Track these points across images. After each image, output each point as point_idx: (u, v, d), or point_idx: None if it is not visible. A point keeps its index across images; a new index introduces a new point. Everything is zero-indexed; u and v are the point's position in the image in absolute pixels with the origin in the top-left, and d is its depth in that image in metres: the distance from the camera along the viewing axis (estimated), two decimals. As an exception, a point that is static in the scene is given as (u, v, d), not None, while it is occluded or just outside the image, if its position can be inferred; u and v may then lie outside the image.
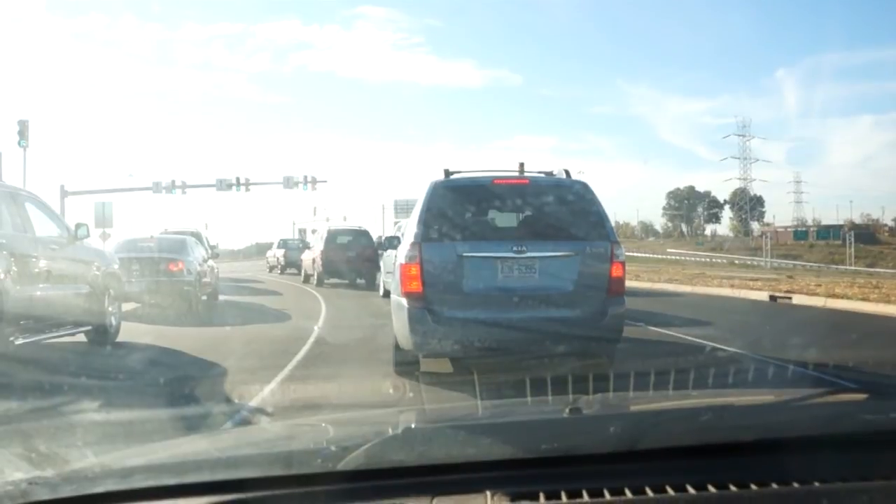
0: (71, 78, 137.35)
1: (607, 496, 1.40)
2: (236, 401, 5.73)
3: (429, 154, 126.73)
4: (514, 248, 6.50)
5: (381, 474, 1.47)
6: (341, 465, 1.45)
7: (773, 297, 17.84)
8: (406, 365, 6.71)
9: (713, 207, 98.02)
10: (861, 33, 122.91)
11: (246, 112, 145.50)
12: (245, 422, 4.84)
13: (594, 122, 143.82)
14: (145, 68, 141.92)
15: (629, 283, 23.20)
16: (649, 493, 1.40)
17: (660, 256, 67.94)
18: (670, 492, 1.41)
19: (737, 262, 62.78)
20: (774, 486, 1.44)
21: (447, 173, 7.12)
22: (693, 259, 65.53)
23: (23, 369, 6.93)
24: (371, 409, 4.23)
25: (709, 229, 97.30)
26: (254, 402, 5.60)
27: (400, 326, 6.63)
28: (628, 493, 1.40)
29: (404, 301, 6.46)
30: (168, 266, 13.60)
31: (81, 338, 8.74)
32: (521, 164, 7.53)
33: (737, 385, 5.46)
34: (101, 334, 8.81)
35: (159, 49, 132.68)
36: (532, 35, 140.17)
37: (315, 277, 21.54)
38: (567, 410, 1.87)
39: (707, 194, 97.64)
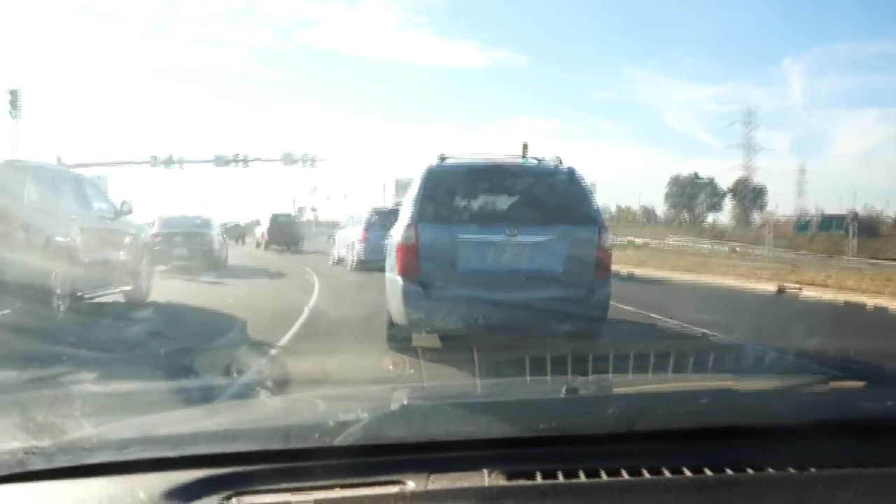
0: (70, 50, 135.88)
1: (604, 476, 1.40)
2: (231, 375, 5.70)
3: (430, 134, 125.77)
4: (506, 231, 6.78)
5: (379, 450, 1.48)
6: (339, 441, 1.45)
7: (780, 289, 17.27)
8: (399, 340, 7.00)
9: (715, 195, 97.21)
10: (871, 25, 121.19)
11: (247, 88, 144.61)
12: (243, 395, 4.87)
13: (598, 106, 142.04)
14: (146, 42, 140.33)
15: (634, 270, 22.97)
16: (646, 474, 1.41)
17: (660, 243, 67.50)
18: (667, 474, 1.41)
19: (738, 250, 62.25)
20: (771, 470, 1.44)
21: (442, 157, 7.41)
22: (694, 247, 65.07)
23: (19, 337, 7.22)
24: (370, 385, 4.32)
25: (710, 217, 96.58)
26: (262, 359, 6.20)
27: (395, 303, 6.88)
28: (624, 474, 1.40)
29: (400, 279, 6.74)
30: (202, 238, 19.20)
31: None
32: (525, 145, 7.71)
33: (736, 372, 5.28)
34: (136, 294, 10.55)
35: (160, 22, 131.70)
36: (537, 17, 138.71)
37: (263, 245, 33.21)
38: (565, 390, 1.90)
39: (710, 182, 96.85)
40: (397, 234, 7.11)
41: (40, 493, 1.38)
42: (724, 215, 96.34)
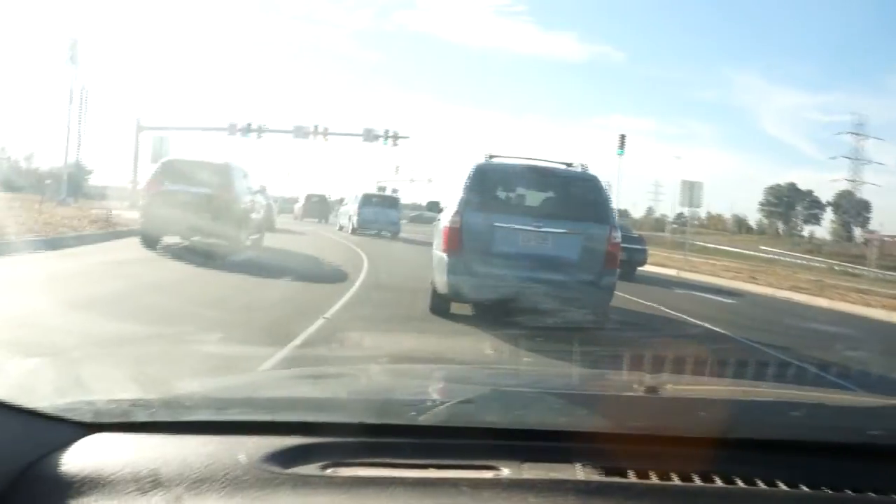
0: (166, 13, 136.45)
1: (697, 481, 1.36)
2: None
3: (520, 125, 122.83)
4: (534, 223, 8.02)
5: (473, 433, 1.47)
6: (434, 420, 1.47)
7: None
8: (440, 308, 8.34)
9: (814, 208, 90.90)
10: None
11: (341, 67, 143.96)
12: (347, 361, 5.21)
13: (695, 108, 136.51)
14: (248, 15, 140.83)
15: (741, 286, 19.06)
16: (739, 483, 1.36)
17: (752, 253, 62.86)
18: (761, 485, 1.36)
19: (836, 268, 56.97)
20: (871, 494, 1.38)
21: (489, 157, 8.67)
22: (789, 260, 60.23)
23: (148, 292, 9.07)
24: (467, 366, 4.28)
25: (807, 230, 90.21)
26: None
27: (439, 276, 8.10)
28: (717, 481, 1.36)
29: (445, 256, 7.95)
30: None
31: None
32: (622, 137, 11.15)
33: None
34: (260, 241, 15.96)
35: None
36: (639, 11, 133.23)
37: (300, 217, 39.57)
38: (643, 389, 1.89)
39: (808, 193, 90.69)
40: (446, 218, 8.31)
41: (141, 444, 1.39)
42: (822, 230, 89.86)
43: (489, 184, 8.38)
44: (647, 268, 24.26)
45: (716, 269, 26.48)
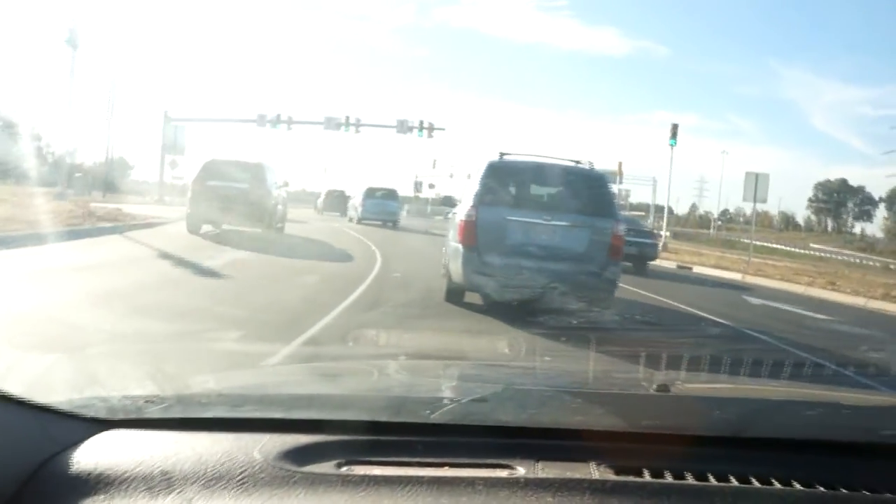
0: (205, 9, 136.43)
1: (712, 481, 1.33)
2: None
3: (561, 121, 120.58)
4: (544, 217, 8.45)
5: (487, 431, 1.46)
6: (449, 419, 1.45)
7: None
8: (455, 296, 8.86)
9: (865, 204, 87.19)
10: None
11: (381, 63, 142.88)
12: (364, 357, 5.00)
13: (741, 103, 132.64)
14: (287, 8, 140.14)
15: (822, 294, 16.52)
16: (755, 483, 1.34)
17: (803, 252, 60.00)
18: (776, 485, 1.34)
19: (892, 267, 53.79)
20: (888, 495, 1.35)
21: (501, 154, 9.15)
22: (843, 259, 57.12)
23: (256, 239, 14.67)
24: (481, 363, 4.27)
25: (858, 227, 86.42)
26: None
27: (455, 266, 8.60)
28: (733, 481, 1.34)
29: (461, 247, 8.38)
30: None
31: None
32: (675, 126, 14.00)
33: None
34: (282, 229, 18.49)
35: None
36: (682, 6, 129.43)
37: (320, 211, 42.77)
38: (654, 387, 1.86)
39: (860, 189, 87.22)
40: (461, 212, 8.78)
41: (155, 441, 1.37)
42: (873, 227, 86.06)
43: (502, 180, 8.88)
44: (706, 270, 22.14)
45: (782, 271, 23.33)
